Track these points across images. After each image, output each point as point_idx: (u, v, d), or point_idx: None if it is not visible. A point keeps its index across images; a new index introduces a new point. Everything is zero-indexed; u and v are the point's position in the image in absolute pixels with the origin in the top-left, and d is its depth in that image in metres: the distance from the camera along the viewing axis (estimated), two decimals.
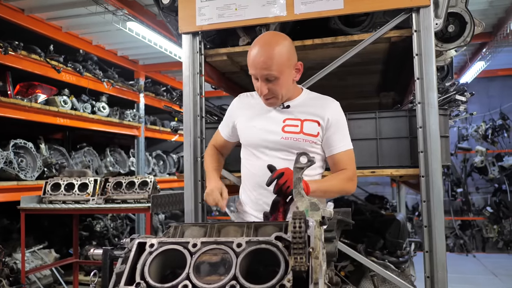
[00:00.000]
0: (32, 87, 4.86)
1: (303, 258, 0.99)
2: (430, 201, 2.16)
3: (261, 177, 1.87)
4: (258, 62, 1.78)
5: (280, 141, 1.89)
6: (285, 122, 1.91)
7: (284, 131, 1.89)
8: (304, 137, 1.88)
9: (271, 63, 1.76)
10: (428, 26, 2.21)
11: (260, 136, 1.93)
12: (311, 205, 1.27)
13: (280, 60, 1.78)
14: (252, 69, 1.82)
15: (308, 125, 1.89)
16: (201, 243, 1.20)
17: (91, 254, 1.32)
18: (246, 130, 1.99)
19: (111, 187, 4.12)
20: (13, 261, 4.65)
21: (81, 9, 4.72)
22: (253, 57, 1.80)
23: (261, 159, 1.93)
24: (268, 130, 1.92)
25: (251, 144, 1.98)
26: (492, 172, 8.04)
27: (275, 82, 1.81)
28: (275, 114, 1.94)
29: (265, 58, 1.77)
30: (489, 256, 7.51)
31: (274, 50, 1.77)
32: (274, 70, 1.77)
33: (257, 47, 1.80)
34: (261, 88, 1.82)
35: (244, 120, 2.01)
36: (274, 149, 1.91)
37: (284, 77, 1.82)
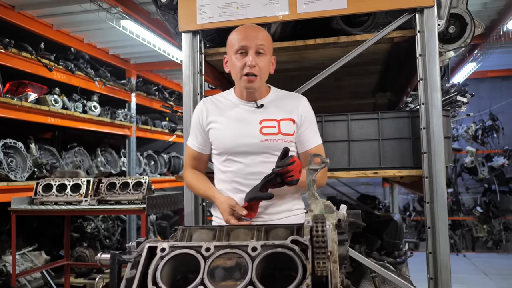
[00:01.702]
0: (23, 85, 4.76)
1: (325, 262, 0.97)
2: (433, 202, 2.15)
3: (241, 181, 1.86)
4: (250, 33, 1.81)
5: (259, 144, 1.84)
6: (262, 124, 1.86)
7: (262, 133, 1.84)
8: (283, 137, 1.86)
9: (263, 37, 1.82)
10: (432, 27, 2.20)
11: (237, 141, 1.86)
12: (326, 208, 1.24)
13: (268, 39, 1.86)
14: (242, 41, 1.80)
15: (285, 125, 1.87)
16: (215, 247, 1.16)
17: (98, 258, 1.27)
18: (221, 136, 1.90)
19: (105, 188, 4.06)
20: (3, 263, 4.55)
21: (72, 7, 4.64)
22: (245, 31, 1.83)
23: (240, 163, 1.87)
24: (245, 134, 1.86)
25: (228, 150, 1.89)
26: (482, 172, 8.13)
27: (263, 58, 1.81)
28: (250, 116, 1.88)
29: (257, 30, 1.84)
30: (479, 256, 7.60)
31: (263, 30, 1.87)
32: (264, 42, 1.81)
33: (245, 26, 1.88)
34: (251, 60, 1.78)
35: (217, 126, 1.91)
36: (254, 153, 1.86)
37: (268, 58, 1.85)
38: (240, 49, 1.80)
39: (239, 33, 1.83)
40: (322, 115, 2.50)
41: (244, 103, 1.91)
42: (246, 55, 1.80)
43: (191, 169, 2.02)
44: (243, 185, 1.86)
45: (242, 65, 1.80)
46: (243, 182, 1.86)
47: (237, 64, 1.82)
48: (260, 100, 1.90)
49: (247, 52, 1.79)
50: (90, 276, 5.44)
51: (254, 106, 1.89)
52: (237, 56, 1.81)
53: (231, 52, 1.84)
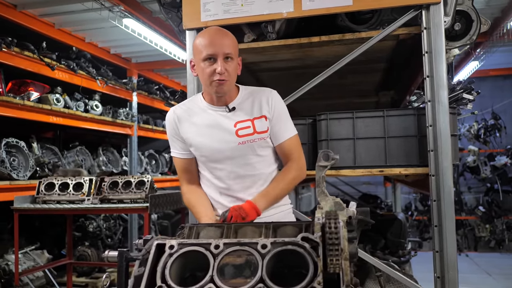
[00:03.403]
0: (25, 84, 4.74)
1: (338, 259, 0.95)
2: (440, 201, 2.13)
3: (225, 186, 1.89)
4: (217, 40, 1.79)
5: (237, 147, 1.85)
6: (237, 126, 1.86)
7: (238, 136, 1.85)
8: (259, 136, 1.86)
9: (229, 42, 1.81)
10: (439, 23, 2.18)
11: (216, 148, 1.86)
12: (335, 205, 1.23)
13: (234, 43, 1.85)
14: (210, 49, 1.77)
15: (259, 123, 1.87)
16: (224, 244, 1.15)
17: (106, 256, 1.26)
18: (198, 145, 1.89)
19: (107, 187, 4.04)
20: (5, 262, 4.54)
21: (74, 6, 4.63)
22: (211, 37, 1.80)
23: (222, 169, 1.89)
24: (222, 139, 1.86)
25: (208, 158, 1.90)
26: (484, 172, 8.11)
27: (231, 63, 1.80)
28: (224, 121, 1.87)
29: (224, 38, 1.81)
30: (481, 255, 7.58)
31: (229, 34, 1.85)
32: (231, 49, 1.80)
33: (211, 31, 1.84)
34: (220, 67, 1.76)
35: (193, 136, 1.90)
36: (233, 157, 1.87)
37: (235, 62, 1.84)
38: (208, 57, 1.77)
39: (206, 39, 1.79)
40: (327, 113, 2.49)
41: (215, 108, 1.89)
42: (214, 61, 1.77)
43: (187, 186, 1.99)
44: (228, 189, 1.90)
45: (211, 71, 1.78)
46: (227, 186, 1.90)
47: (206, 71, 1.79)
48: (231, 103, 1.89)
49: (216, 59, 1.77)
50: (92, 275, 5.43)
51: (226, 111, 1.88)
52: (205, 63, 1.79)
53: (198, 58, 1.81)
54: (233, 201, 1.89)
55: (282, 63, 2.94)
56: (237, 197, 1.89)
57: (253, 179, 1.89)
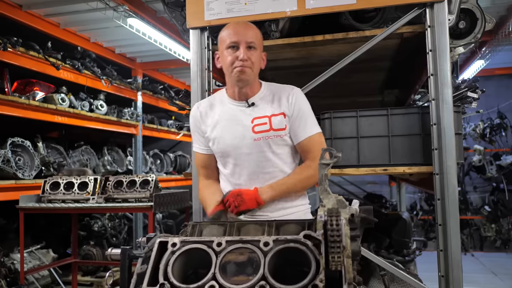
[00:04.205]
0: (30, 84, 4.77)
1: (340, 256, 0.95)
2: (444, 199, 2.13)
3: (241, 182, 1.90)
4: (240, 29, 1.84)
5: (253, 143, 1.87)
6: (253, 122, 1.87)
7: (254, 132, 1.86)
8: (275, 133, 1.86)
9: (253, 33, 1.85)
10: (443, 22, 2.17)
11: (232, 143, 1.89)
12: (338, 203, 1.23)
13: (258, 35, 1.88)
14: (233, 37, 1.81)
15: (276, 120, 1.87)
16: (226, 242, 1.15)
17: (109, 253, 1.27)
18: (216, 139, 1.92)
19: (112, 186, 4.06)
20: (11, 261, 4.56)
21: (79, 5, 4.65)
22: (235, 27, 1.85)
23: (237, 164, 1.91)
24: (239, 135, 1.88)
25: (225, 153, 1.92)
26: (490, 171, 8.06)
27: (254, 52, 1.83)
28: (242, 116, 1.90)
29: (247, 27, 1.87)
30: (487, 255, 7.53)
31: (253, 27, 1.90)
32: (255, 39, 1.83)
33: (236, 22, 1.93)
34: (242, 54, 1.79)
35: (211, 129, 1.94)
36: (249, 153, 1.88)
37: (258, 53, 1.86)
38: (231, 44, 1.81)
39: (230, 29, 1.85)
40: (331, 112, 2.49)
41: (235, 103, 1.92)
42: (237, 49, 1.81)
43: (203, 180, 2.03)
44: (242, 185, 1.90)
45: (233, 59, 1.81)
46: (241, 182, 1.90)
47: (229, 58, 1.82)
48: (251, 99, 1.90)
49: (238, 47, 1.80)
50: (97, 274, 5.45)
51: (245, 106, 1.89)
52: (228, 51, 1.82)
53: (223, 48, 1.85)
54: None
55: (286, 61, 2.94)
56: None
57: (268, 176, 1.89)
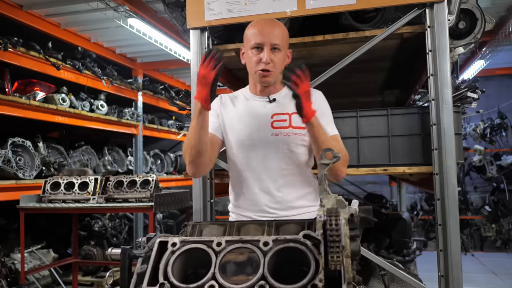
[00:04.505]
0: (31, 84, 4.77)
1: (339, 256, 0.96)
2: (444, 199, 2.13)
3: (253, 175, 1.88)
4: (266, 30, 1.82)
5: (270, 138, 1.86)
6: (273, 118, 1.88)
7: (273, 127, 1.86)
8: (293, 131, 1.85)
9: (279, 33, 1.83)
10: (442, 22, 2.18)
11: (249, 134, 1.88)
12: (338, 202, 1.23)
13: (284, 34, 1.86)
14: (257, 38, 1.80)
15: (297, 118, 1.83)
16: (226, 241, 1.15)
17: (109, 253, 1.27)
18: (233, 129, 1.92)
19: (112, 186, 4.07)
20: (11, 261, 4.57)
21: (80, 6, 4.66)
22: (260, 27, 1.83)
23: (252, 157, 1.89)
24: (257, 127, 1.88)
25: (240, 144, 1.90)
26: (490, 171, 8.06)
27: (278, 54, 1.82)
28: (263, 110, 1.90)
29: (274, 27, 1.84)
30: (487, 255, 7.53)
31: (280, 25, 1.87)
32: (280, 40, 1.82)
33: (262, 21, 1.89)
34: (266, 56, 1.79)
35: (230, 119, 1.94)
36: (265, 146, 1.87)
37: (283, 54, 1.85)
38: (256, 45, 1.81)
39: (256, 28, 1.84)
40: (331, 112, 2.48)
41: (257, 98, 1.94)
42: (261, 51, 1.81)
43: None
44: (256, 178, 1.88)
45: (257, 60, 1.82)
46: (255, 176, 1.88)
47: (252, 59, 1.83)
48: (273, 95, 1.91)
49: (263, 48, 1.80)
50: (97, 274, 5.45)
51: (267, 101, 1.91)
52: (252, 51, 1.83)
53: (247, 47, 1.86)
54: (258, 191, 1.88)
55: None
56: (263, 186, 1.88)
57: (282, 173, 1.87)
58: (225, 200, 2.06)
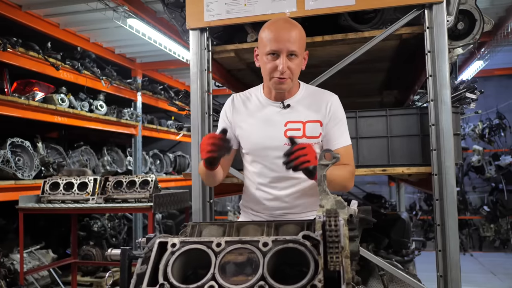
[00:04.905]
0: (30, 84, 4.78)
1: (339, 257, 0.96)
2: (443, 200, 2.14)
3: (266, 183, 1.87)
4: (283, 36, 1.71)
5: (283, 147, 1.80)
6: (287, 126, 1.83)
7: (286, 136, 1.80)
8: (307, 141, 1.80)
9: (296, 38, 1.73)
10: (441, 23, 2.18)
11: (262, 143, 1.85)
12: (337, 203, 1.23)
13: (302, 37, 1.78)
14: (274, 44, 1.71)
15: (311, 127, 1.82)
16: (225, 242, 1.16)
17: (109, 254, 1.27)
18: (247, 137, 1.89)
19: (111, 187, 4.07)
20: (10, 261, 4.57)
21: (79, 6, 4.66)
22: (277, 32, 1.72)
23: (265, 165, 1.87)
24: (270, 136, 1.84)
25: (253, 152, 1.89)
26: (489, 171, 8.06)
27: (294, 60, 1.74)
28: (276, 117, 1.85)
29: (291, 31, 1.73)
30: (486, 255, 7.54)
31: (297, 28, 1.77)
32: (297, 46, 1.73)
33: (278, 24, 1.76)
34: (283, 64, 1.71)
35: (244, 127, 1.90)
36: (277, 156, 1.81)
37: (300, 59, 1.78)
38: (271, 52, 1.73)
39: (272, 32, 1.73)
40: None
41: (271, 103, 1.87)
42: (277, 57, 1.73)
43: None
44: (268, 186, 1.88)
45: (272, 67, 1.74)
46: (268, 183, 1.88)
47: (268, 66, 1.76)
48: (287, 100, 1.85)
49: (279, 55, 1.72)
50: (96, 274, 5.45)
51: (281, 107, 1.85)
52: (268, 57, 1.75)
53: (262, 51, 1.77)
54: (269, 198, 1.88)
55: None
56: (274, 194, 1.87)
57: (293, 182, 1.85)
58: (224, 200, 2.06)
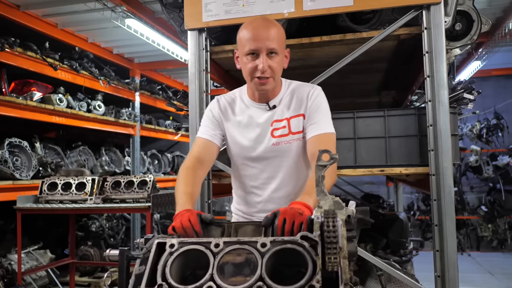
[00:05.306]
0: (28, 84, 4.77)
1: (337, 258, 0.96)
2: (441, 200, 2.14)
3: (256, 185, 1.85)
4: (261, 34, 1.66)
5: (271, 148, 1.79)
6: (273, 126, 1.80)
7: (273, 136, 1.79)
8: (293, 137, 1.78)
9: (275, 36, 1.68)
10: (439, 24, 2.19)
11: (250, 147, 1.81)
12: (335, 204, 1.23)
13: (281, 34, 1.72)
14: (252, 44, 1.66)
15: (295, 122, 1.79)
16: (224, 243, 1.16)
17: (107, 255, 1.27)
18: (234, 142, 1.85)
19: (109, 187, 4.07)
20: (8, 262, 4.57)
21: (77, 6, 4.66)
22: (255, 31, 1.67)
23: (254, 167, 1.85)
24: (257, 139, 1.81)
25: (242, 155, 1.86)
26: (486, 171, 8.09)
27: (275, 58, 1.69)
28: (262, 119, 1.81)
29: (269, 29, 1.68)
30: (483, 255, 7.56)
31: (275, 26, 1.72)
32: (276, 44, 1.68)
33: (256, 23, 1.71)
34: (263, 64, 1.66)
35: (231, 131, 1.86)
36: (267, 157, 1.82)
37: (281, 57, 1.73)
38: (251, 52, 1.68)
39: (250, 32, 1.68)
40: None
41: (256, 104, 1.83)
42: (257, 57, 1.68)
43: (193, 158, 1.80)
44: (258, 188, 1.86)
45: (253, 67, 1.69)
46: (258, 186, 1.86)
47: (248, 66, 1.71)
48: (272, 101, 1.81)
49: (258, 55, 1.67)
50: (94, 274, 5.45)
51: (266, 108, 1.81)
52: (247, 57, 1.70)
53: (242, 52, 1.72)
54: (259, 201, 1.86)
55: None
56: (265, 196, 1.84)
57: (284, 182, 1.82)
58: (222, 201, 2.07)
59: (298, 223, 1.31)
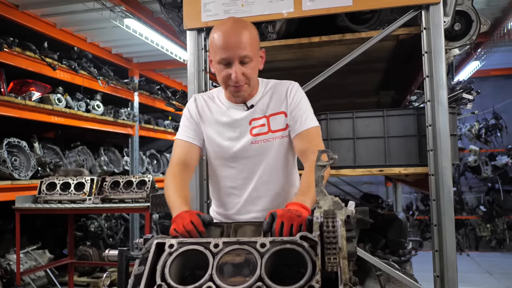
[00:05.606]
0: (26, 84, 4.76)
1: (336, 258, 0.96)
2: (439, 200, 2.14)
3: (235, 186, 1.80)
4: (232, 42, 1.60)
5: (251, 147, 1.75)
6: (251, 124, 1.76)
7: (252, 135, 1.75)
8: (273, 135, 1.75)
9: (247, 42, 1.62)
10: (438, 24, 2.19)
11: (229, 147, 1.78)
12: (334, 204, 1.23)
13: (253, 38, 1.66)
14: (224, 52, 1.61)
15: (275, 120, 1.75)
16: (223, 243, 1.16)
17: (106, 255, 1.27)
18: (214, 143, 1.80)
19: (108, 187, 4.06)
20: (7, 262, 4.56)
21: (76, 6, 4.66)
22: (225, 38, 1.61)
23: (234, 168, 1.80)
24: (236, 139, 1.77)
25: (221, 156, 1.81)
26: (485, 171, 8.11)
27: (249, 65, 1.64)
28: (240, 119, 1.77)
29: (240, 35, 1.62)
30: (482, 255, 7.57)
31: (247, 29, 1.65)
32: (249, 50, 1.63)
33: (226, 29, 1.64)
34: (237, 73, 1.61)
35: (209, 132, 1.81)
36: (246, 157, 1.77)
37: (255, 61, 1.68)
38: (223, 61, 1.63)
39: (221, 40, 1.62)
40: (327, 113, 2.50)
41: (234, 106, 1.79)
42: (229, 66, 1.63)
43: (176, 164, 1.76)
44: (236, 188, 1.81)
45: (226, 76, 1.65)
46: (237, 186, 1.81)
47: (221, 74, 1.66)
48: (250, 101, 1.78)
49: (231, 64, 1.63)
50: (93, 274, 5.44)
51: (244, 109, 1.77)
52: (220, 66, 1.65)
53: (214, 59, 1.68)
54: (237, 202, 1.81)
55: (282, 63, 2.95)
56: (243, 197, 1.80)
57: (263, 182, 1.78)
58: None
59: (296, 226, 1.31)
